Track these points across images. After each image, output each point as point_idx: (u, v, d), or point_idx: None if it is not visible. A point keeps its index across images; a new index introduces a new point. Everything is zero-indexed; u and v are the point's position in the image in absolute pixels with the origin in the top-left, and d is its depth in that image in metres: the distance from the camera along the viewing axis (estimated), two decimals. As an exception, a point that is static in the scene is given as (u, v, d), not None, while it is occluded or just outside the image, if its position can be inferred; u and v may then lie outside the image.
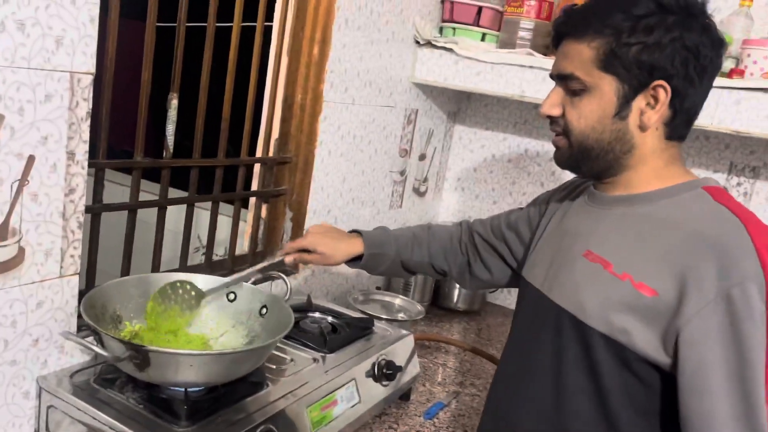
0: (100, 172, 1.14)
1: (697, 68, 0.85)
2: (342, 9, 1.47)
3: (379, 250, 1.24)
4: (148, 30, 1.16)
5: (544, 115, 0.95)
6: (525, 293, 1.05)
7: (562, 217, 1.04)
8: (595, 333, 0.87)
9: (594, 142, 0.90)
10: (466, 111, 2.15)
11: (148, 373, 0.94)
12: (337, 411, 1.14)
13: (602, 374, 0.87)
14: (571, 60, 0.90)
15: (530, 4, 1.69)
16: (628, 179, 0.92)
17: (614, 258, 0.88)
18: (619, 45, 0.85)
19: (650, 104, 0.87)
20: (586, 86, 0.88)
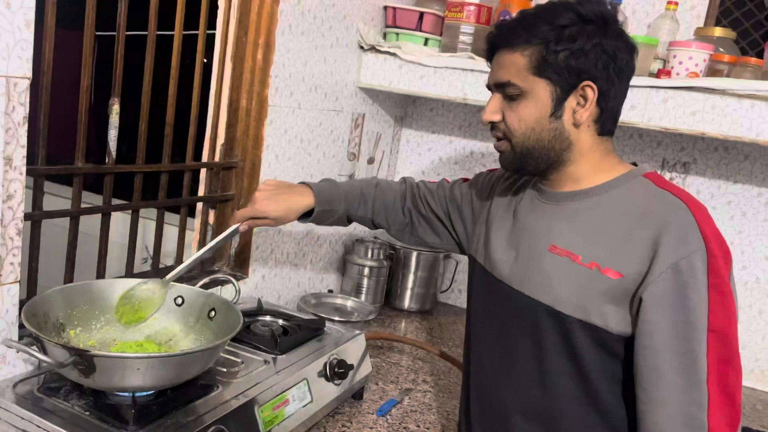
0: (40, 179, 1.12)
1: (616, 70, 0.96)
2: (285, 14, 1.49)
3: (329, 207, 1.27)
4: (86, 34, 1.15)
5: (486, 121, 1.03)
6: (488, 285, 1.11)
7: (514, 212, 1.11)
8: (573, 320, 0.95)
9: (535, 142, 0.99)
10: (412, 115, 2.19)
11: (94, 378, 0.93)
12: (289, 410, 1.15)
13: (581, 355, 0.96)
14: (507, 69, 0.98)
15: (470, 9, 1.74)
16: (571, 174, 1.01)
17: (579, 250, 0.97)
18: (548, 52, 0.95)
19: (580, 103, 0.97)
20: (523, 91, 0.97)
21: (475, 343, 1.14)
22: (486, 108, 1.02)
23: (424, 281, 2.02)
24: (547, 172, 1.03)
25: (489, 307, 1.11)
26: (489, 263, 1.12)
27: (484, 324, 1.12)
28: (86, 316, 1.11)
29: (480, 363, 1.12)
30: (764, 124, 1.42)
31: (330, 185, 1.31)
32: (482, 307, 1.13)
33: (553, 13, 0.96)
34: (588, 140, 0.99)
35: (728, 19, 1.83)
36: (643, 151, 1.89)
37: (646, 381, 0.90)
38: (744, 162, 1.78)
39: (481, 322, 1.13)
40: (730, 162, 1.79)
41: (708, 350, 0.86)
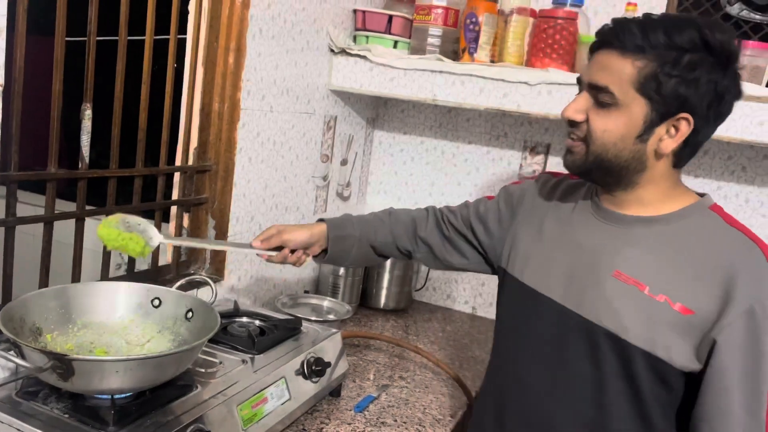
0: (12, 186, 1.12)
1: (716, 112, 0.93)
2: (255, 18, 1.51)
3: (343, 232, 1.27)
4: (57, 40, 1.16)
5: (568, 118, 0.98)
6: (528, 300, 1.08)
7: (564, 227, 1.08)
8: (637, 350, 0.95)
9: (613, 157, 0.95)
10: (384, 117, 2.22)
11: (73, 382, 0.94)
12: (268, 408, 1.17)
13: (640, 381, 0.97)
14: (610, 73, 0.93)
15: (437, 12, 1.78)
16: (639, 197, 0.99)
17: (647, 279, 0.95)
18: (662, 72, 0.89)
19: (670, 133, 0.93)
20: (618, 102, 0.92)
21: (513, 356, 1.12)
22: (570, 104, 0.97)
23: (399, 280, 2.05)
24: (613, 190, 1.01)
25: (534, 323, 1.08)
26: (530, 276, 1.09)
27: (526, 339, 1.09)
28: (62, 319, 1.11)
29: (519, 377, 1.09)
30: (720, 119, 1.48)
31: (343, 215, 1.33)
32: (522, 321, 1.10)
33: (676, 27, 0.89)
34: (663, 169, 0.97)
35: (686, 19, 1.89)
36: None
37: (713, 418, 0.91)
38: (703, 157, 1.84)
39: (522, 336, 1.10)
40: (690, 157, 1.86)
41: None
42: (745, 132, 1.48)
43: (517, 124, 2.04)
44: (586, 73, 0.97)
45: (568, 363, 1.03)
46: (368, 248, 1.31)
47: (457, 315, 2.14)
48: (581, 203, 1.08)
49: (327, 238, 1.27)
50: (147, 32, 1.34)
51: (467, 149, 2.12)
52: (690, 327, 0.92)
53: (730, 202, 1.82)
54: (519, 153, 2.05)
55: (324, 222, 1.28)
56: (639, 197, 0.99)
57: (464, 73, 1.71)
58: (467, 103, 1.73)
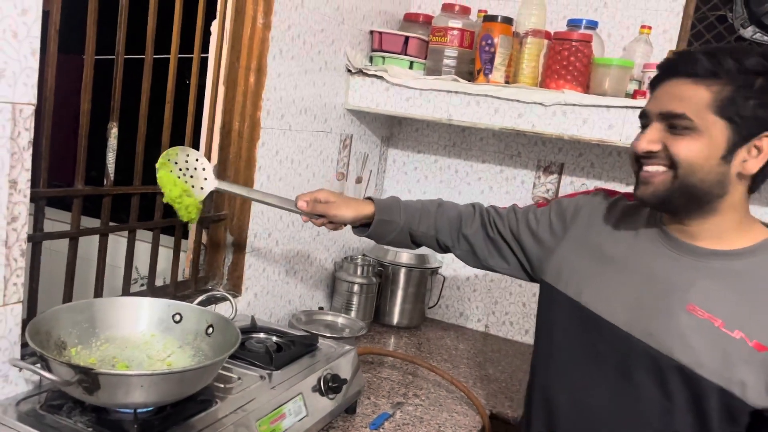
0: (41, 201, 1.15)
1: None
2: (276, 39, 1.54)
3: (389, 217, 1.28)
4: (87, 62, 1.19)
5: (643, 150, 0.97)
6: (588, 323, 1.07)
7: (630, 253, 1.06)
8: (711, 386, 0.95)
9: (698, 181, 0.94)
10: (398, 135, 2.25)
11: (98, 396, 0.95)
12: (286, 424, 1.18)
13: (709, 416, 0.97)
14: (684, 101, 0.94)
15: (453, 33, 1.81)
16: (714, 227, 0.98)
17: (723, 315, 0.95)
18: (740, 95, 0.91)
19: (752, 153, 0.94)
20: (695, 127, 0.93)
21: (570, 378, 1.10)
22: (642, 137, 0.97)
23: (412, 297, 2.06)
24: (690, 218, 1.00)
25: (595, 346, 1.07)
26: (589, 298, 1.08)
27: (586, 361, 1.08)
28: (86, 333, 1.13)
29: (577, 399, 1.09)
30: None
31: (392, 198, 1.33)
32: (580, 343, 1.09)
33: (742, 53, 0.92)
34: (740, 194, 0.97)
35: (699, 41, 1.91)
36: (623, 168, 1.96)
37: None
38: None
39: (580, 358, 1.09)
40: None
41: None
42: None
43: (530, 144, 2.06)
44: (655, 105, 0.98)
45: (636, 389, 1.02)
46: (407, 235, 1.32)
47: (469, 333, 2.14)
48: (645, 230, 1.07)
49: (372, 216, 1.28)
50: (172, 52, 1.38)
51: (481, 168, 2.14)
52: (765, 364, 0.92)
53: (744, 223, 1.82)
54: (532, 172, 2.07)
55: (372, 202, 1.29)
56: (713, 227, 0.99)
57: (479, 94, 1.74)
58: (482, 123, 1.75)
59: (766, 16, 1.76)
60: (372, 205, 1.28)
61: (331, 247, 2.02)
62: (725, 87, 0.92)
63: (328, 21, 1.73)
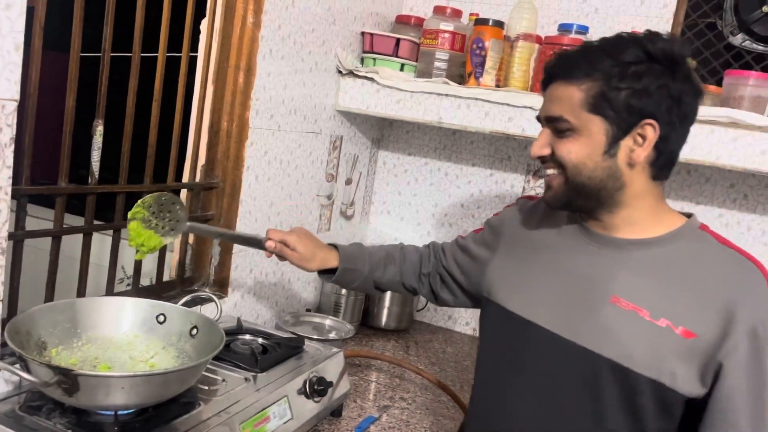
0: (23, 199, 1.13)
1: (680, 115, 0.93)
2: (266, 39, 1.53)
3: (353, 266, 1.28)
4: (72, 57, 1.18)
5: (535, 156, 0.99)
6: (519, 329, 1.04)
7: (550, 252, 1.06)
8: (643, 379, 0.93)
9: (586, 178, 0.95)
10: (389, 137, 2.24)
11: (78, 397, 0.94)
12: (270, 427, 1.17)
13: (642, 413, 0.94)
14: (560, 102, 0.95)
15: (444, 36, 1.80)
16: (627, 218, 0.98)
17: (647, 304, 0.94)
18: (609, 88, 0.91)
19: (638, 142, 0.93)
20: (574, 127, 0.94)
21: (502, 387, 1.07)
22: (535, 143, 0.99)
23: (400, 300, 2.05)
24: (598, 213, 0.99)
25: (525, 352, 1.04)
26: (514, 303, 1.06)
27: (516, 369, 1.05)
28: (68, 334, 1.12)
29: (509, 409, 1.05)
30: (722, 148, 1.50)
31: (356, 246, 1.33)
32: (510, 350, 1.06)
33: (618, 47, 0.92)
34: (642, 183, 0.96)
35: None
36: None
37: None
38: (705, 184, 1.86)
39: (510, 366, 1.06)
40: (692, 184, 1.87)
41: None
42: (747, 161, 1.50)
43: (520, 148, 2.06)
44: (541, 109, 1.00)
45: (564, 395, 0.99)
46: (371, 284, 1.33)
47: (457, 336, 2.14)
48: (566, 228, 1.06)
49: (335, 267, 1.28)
50: (160, 50, 1.36)
51: (471, 171, 2.13)
52: (694, 351, 0.91)
53: (732, 230, 1.83)
54: (522, 176, 2.07)
55: (337, 250, 1.29)
56: (626, 218, 0.98)
57: (470, 97, 1.74)
58: (472, 126, 1.75)
59: (756, 23, 1.77)
60: (336, 255, 1.28)
61: (320, 248, 2.01)
62: (596, 83, 0.92)
63: (319, 21, 1.72)
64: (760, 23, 1.77)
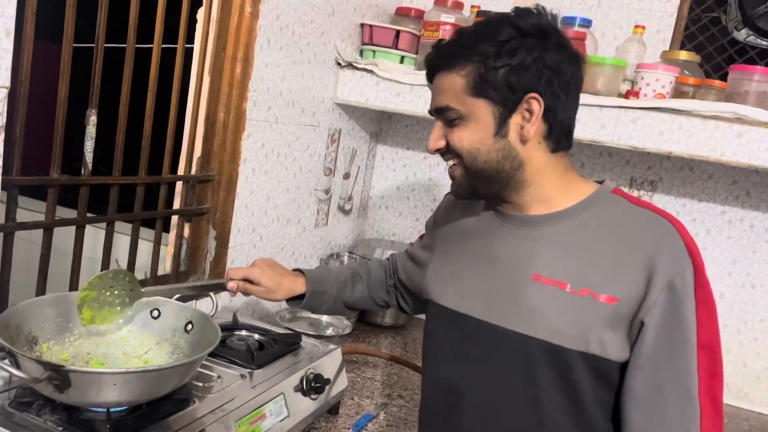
0: (13, 190, 1.10)
1: (561, 84, 0.91)
2: (264, 29, 1.50)
3: (321, 288, 1.25)
4: (65, 45, 1.15)
5: (432, 150, 0.98)
6: (458, 325, 1.01)
7: (474, 241, 1.04)
8: (574, 353, 0.90)
9: (483, 162, 0.94)
10: (387, 131, 2.22)
11: (69, 394, 0.91)
12: (266, 425, 1.14)
13: (579, 389, 0.91)
14: (445, 92, 0.94)
15: (445, 28, 1.78)
16: (536, 195, 0.96)
17: (567, 277, 0.91)
18: (487, 69, 0.90)
19: (526, 118, 0.92)
20: (461, 115, 0.93)
21: (441, 384, 1.05)
22: (430, 138, 0.98)
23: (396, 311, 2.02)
24: (507, 195, 0.98)
25: (458, 346, 1.02)
26: (448, 298, 1.04)
27: (453, 363, 1.03)
28: (59, 328, 1.09)
29: (453, 404, 1.02)
30: (728, 144, 1.48)
31: (322, 269, 1.31)
32: (446, 345, 1.04)
33: (491, 29, 0.92)
34: (541, 158, 0.94)
35: (692, 43, 1.90)
36: (613, 169, 1.94)
37: (644, 401, 0.88)
38: (708, 181, 1.84)
39: (448, 361, 1.04)
40: (694, 181, 1.85)
41: (699, 365, 0.86)
42: (751, 157, 1.48)
43: (521, 143, 2.03)
44: (431, 104, 0.98)
45: (502, 383, 0.97)
46: (341, 305, 1.30)
47: (456, 333, 2.11)
48: (484, 214, 1.04)
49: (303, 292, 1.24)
50: (155, 40, 1.33)
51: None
52: (618, 316, 0.88)
53: (735, 227, 1.81)
54: (522, 172, 2.04)
55: (303, 275, 1.26)
56: (536, 195, 0.96)
57: (471, 90, 1.71)
58: (473, 121, 1.72)
59: (760, 18, 1.75)
60: (303, 281, 1.25)
61: (317, 243, 1.99)
62: (475, 67, 0.90)
63: (318, 12, 1.69)
64: (765, 18, 1.74)
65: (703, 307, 0.88)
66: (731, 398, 1.86)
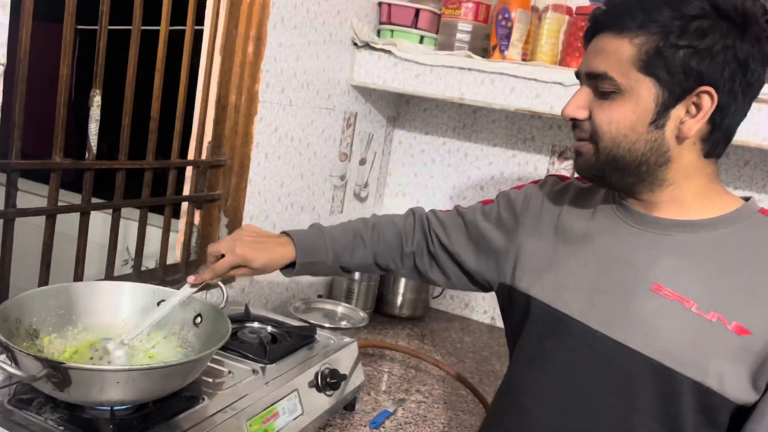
0: (14, 174, 1.04)
1: (743, 83, 0.80)
2: (277, 6, 1.42)
3: (314, 258, 1.12)
4: (66, 22, 1.08)
5: (568, 117, 0.87)
6: (547, 319, 0.92)
7: (583, 232, 0.93)
8: (685, 381, 0.80)
9: (626, 151, 0.83)
10: (405, 115, 2.14)
11: (69, 392, 0.86)
12: (279, 423, 1.08)
13: (681, 421, 0.82)
14: (606, 57, 0.82)
15: (468, 6, 1.69)
16: (674, 197, 0.86)
17: (695, 294, 0.81)
18: (666, 45, 0.78)
19: (691, 112, 0.81)
20: (620, 88, 0.81)
21: (521, 386, 0.95)
22: (570, 101, 0.86)
23: (415, 287, 1.95)
24: (638, 190, 0.87)
25: (550, 346, 0.91)
26: (542, 291, 0.93)
27: (539, 365, 0.93)
28: (62, 321, 1.03)
29: (527, 411, 0.93)
30: (771, 128, 1.38)
31: (315, 233, 1.14)
32: (534, 344, 0.94)
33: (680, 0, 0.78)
34: (692, 160, 0.84)
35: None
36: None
37: None
38: (744, 168, 1.74)
39: (533, 362, 0.94)
40: (729, 168, 1.76)
41: None
42: (793, 142, 1.38)
43: (545, 127, 1.95)
44: (583, 63, 0.86)
45: (589, 396, 0.87)
46: (338, 269, 1.17)
47: (475, 325, 2.04)
48: (601, 208, 0.93)
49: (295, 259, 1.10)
50: (162, 17, 1.27)
51: (492, 152, 2.03)
52: (747, 350, 0.78)
53: (772, 216, 1.72)
54: (546, 158, 1.96)
55: (293, 241, 1.11)
56: (673, 197, 0.86)
57: (494, 72, 1.63)
58: (496, 104, 1.64)
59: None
60: (293, 249, 1.09)
61: (332, 231, 1.92)
62: (651, 38, 0.78)
63: (334, -11, 1.61)
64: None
65: None
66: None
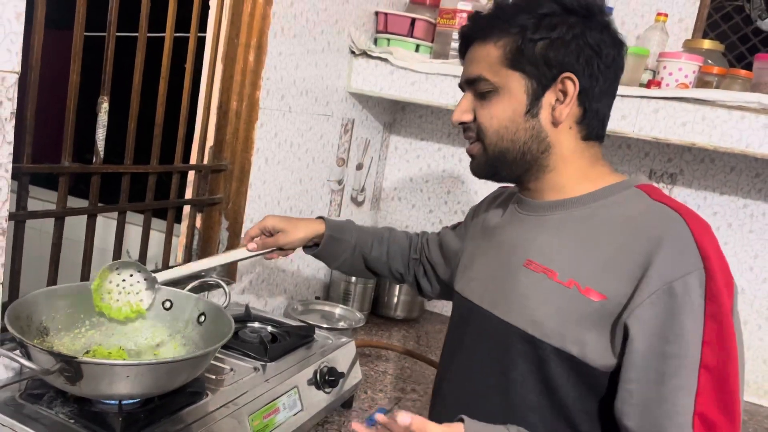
0: (24, 178, 1.08)
1: (601, 66, 0.87)
2: (278, 16, 1.47)
3: (340, 235, 1.24)
4: (76, 31, 1.12)
5: (456, 122, 0.94)
6: (462, 310, 1.00)
7: (493, 228, 1.02)
8: (548, 348, 0.84)
9: (509, 142, 0.90)
10: (401, 122, 2.18)
11: (80, 386, 0.89)
12: (280, 419, 1.12)
13: (556, 390, 0.85)
14: (479, 62, 0.90)
15: (462, 16, 1.74)
16: (554, 182, 0.91)
17: (558, 265, 0.86)
18: (524, 41, 0.86)
19: (559, 99, 0.87)
20: (495, 86, 0.89)
21: (441, 371, 1.04)
22: (456, 108, 0.93)
23: (410, 289, 2.00)
24: (526, 180, 0.93)
25: (461, 336, 0.98)
26: (460, 283, 1.02)
27: (450, 349, 1.01)
28: (71, 319, 1.07)
29: (441, 390, 1.01)
30: (753, 135, 1.43)
31: (345, 220, 1.30)
32: (451, 333, 1.02)
33: (533, 3, 0.88)
34: (570, 144, 0.90)
35: (715, 32, 1.85)
36: (631, 162, 1.90)
37: (628, 420, 0.78)
38: (730, 174, 1.80)
39: (448, 351, 1.02)
40: (716, 173, 1.81)
41: (698, 390, 0.74)
42: (776, 149, 1.43)
43: (537, 134, 1.99)
44: (462, 75, 0.94)
45: (478, 375, 0.93)
46: (360, 259, 1.27)
47: (469, 327, 2.09)
48: (512, 205, 1.00)
49: (322, 235, 1.25)
50: (167, 27, 1.31)
51: (485, 158, 2.07)
52: (603, 315, 0.80)
53: (757, 221, 1.77)
54: (539, 163, 2.00)
55: (323, 219, 1.26)
56: (554, 182, 0.91)
57: (488, 80, 1.67)
58: (490, 111, 1.69)
59: (786, 7, 1.70)
60: (322, 223, 1.25)
61: (330, 235, 1.96)
62: (512, 38, 0.87)
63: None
64: (791, 7, 1.70)
65: (713, 323, 0.75)
66: (751, 395, 1.82)
